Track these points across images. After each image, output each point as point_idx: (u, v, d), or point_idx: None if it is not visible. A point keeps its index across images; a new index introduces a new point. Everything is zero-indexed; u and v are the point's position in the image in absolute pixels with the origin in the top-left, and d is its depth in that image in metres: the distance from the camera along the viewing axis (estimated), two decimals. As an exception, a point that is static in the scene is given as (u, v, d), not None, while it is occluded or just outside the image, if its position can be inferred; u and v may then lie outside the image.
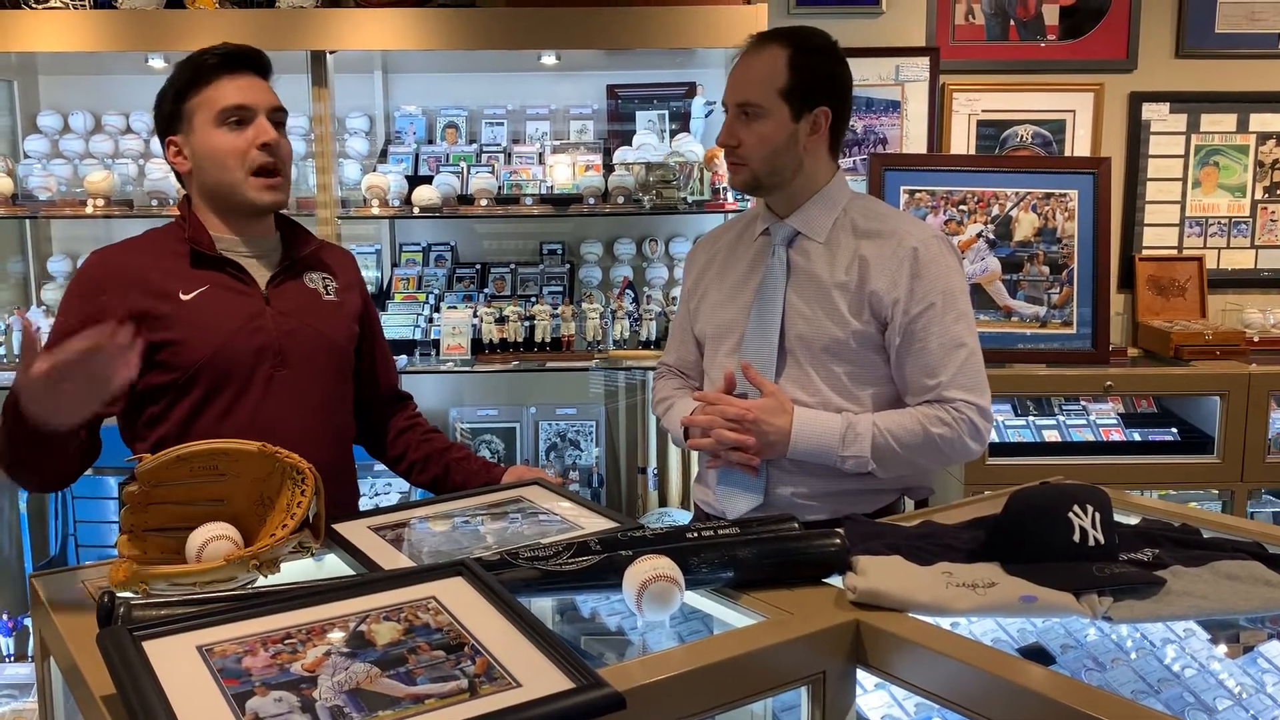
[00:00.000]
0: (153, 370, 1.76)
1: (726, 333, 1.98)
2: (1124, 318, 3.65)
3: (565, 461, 3.58)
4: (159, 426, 1.78)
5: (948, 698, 1.16)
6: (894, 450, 1.82)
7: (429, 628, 1.12)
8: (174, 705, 0.95)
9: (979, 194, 3.31)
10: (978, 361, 1.87)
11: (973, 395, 1.84)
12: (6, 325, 3.22)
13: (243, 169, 1.76)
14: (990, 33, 3.58)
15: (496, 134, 3.53)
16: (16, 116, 3.48)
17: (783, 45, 1.86)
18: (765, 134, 1.86)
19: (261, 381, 1.78)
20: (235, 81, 1.77)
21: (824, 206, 1.93)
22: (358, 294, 1.98)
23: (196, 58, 1.77)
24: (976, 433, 1.84)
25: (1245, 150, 3.67)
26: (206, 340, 1.75)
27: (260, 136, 1.76)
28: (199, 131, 1.77)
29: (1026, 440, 3.24)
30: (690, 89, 3.53)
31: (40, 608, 1.44)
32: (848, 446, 1.82)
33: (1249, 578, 1.33)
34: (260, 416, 1.77)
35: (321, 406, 1.86)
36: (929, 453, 1.84)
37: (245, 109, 1.76)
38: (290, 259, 1.87)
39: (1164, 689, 1.35)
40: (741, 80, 1.89)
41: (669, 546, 1.35)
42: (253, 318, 1.79)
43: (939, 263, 1.86)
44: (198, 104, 1.77)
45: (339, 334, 1.90)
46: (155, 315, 1.74)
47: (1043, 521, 1.36)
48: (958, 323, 1.86)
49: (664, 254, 3.58)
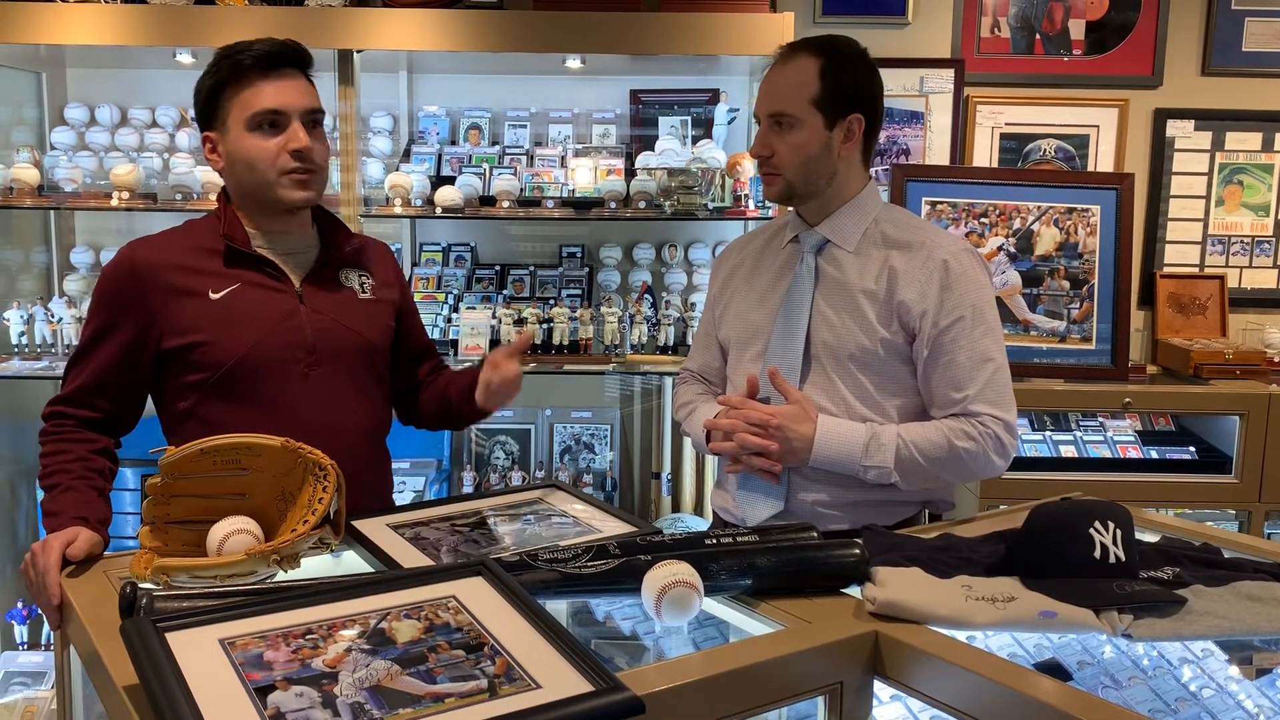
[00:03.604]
0: (184, 370, 1.76)
1: (751, 338, 1.98)
2: (1144, 335, 3.63)
3: (579, 465, 3.58)
4: (189, 422, 1.77)
5: (965, 711, 1.16)
6: (918, 462, 1.82)
7: (449, 627, 1.13)
8: (196, 697, 0.96)
9: (1001, 207, 3.30)
10: (1005, 377, 1.86)
11: (999, 410, 1.83)
12: (29, 315, 3.24)
13: (274, 170, 1.75)
14: (1016, 46, 3.58)
15: (519, 136, 3.55)
16: (44, 109, 3.51)
17: (813, 54, 1.86)
18: (799, 143, 1.86)
19: (296, 380, 1.78)
20: (271, 84, 1.74)
21: (855, 215, 1.93)
22: (396, 288, 1.98)
23: (234, 54, 1.74)
24: (1002, 448, 1.84)
25: (1269, 169, 3.65)
26: (238, 340, 1.74)
27: (291, 142, 1.74)
28: (232, 132, 1.75)
29: (1043, 455, 3.22)
30: (713, 95, 3.53)
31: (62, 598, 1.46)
32: (871, 456, 1.82)
33: (1271, 599, 1.33)
34: (295, 414, 1.76)
35: (356, 404, 1.86)
36: (953, 466, 1.83)
37: (278, 113, 1.74)
38: (327, 258, 1.87)
39: (1181, 709, 1.34)
40: (773, 91, 1.89)
41: (688, 552, 1.35)
42: (287, 316, 1.78)
43: (969, 276, 1.86)
44: (232, 104, 1.75)
45: (374, 332, 1.89)
46: (183, 316, 1.74)
47: (1064, 537, 1.35)
48: (986, 337, 1.85)
49: (683, 259, 3.58)
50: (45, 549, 1.49)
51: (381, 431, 1.96)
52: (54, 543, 1.50)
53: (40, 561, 1.49)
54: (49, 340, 3.25)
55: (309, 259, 1.86)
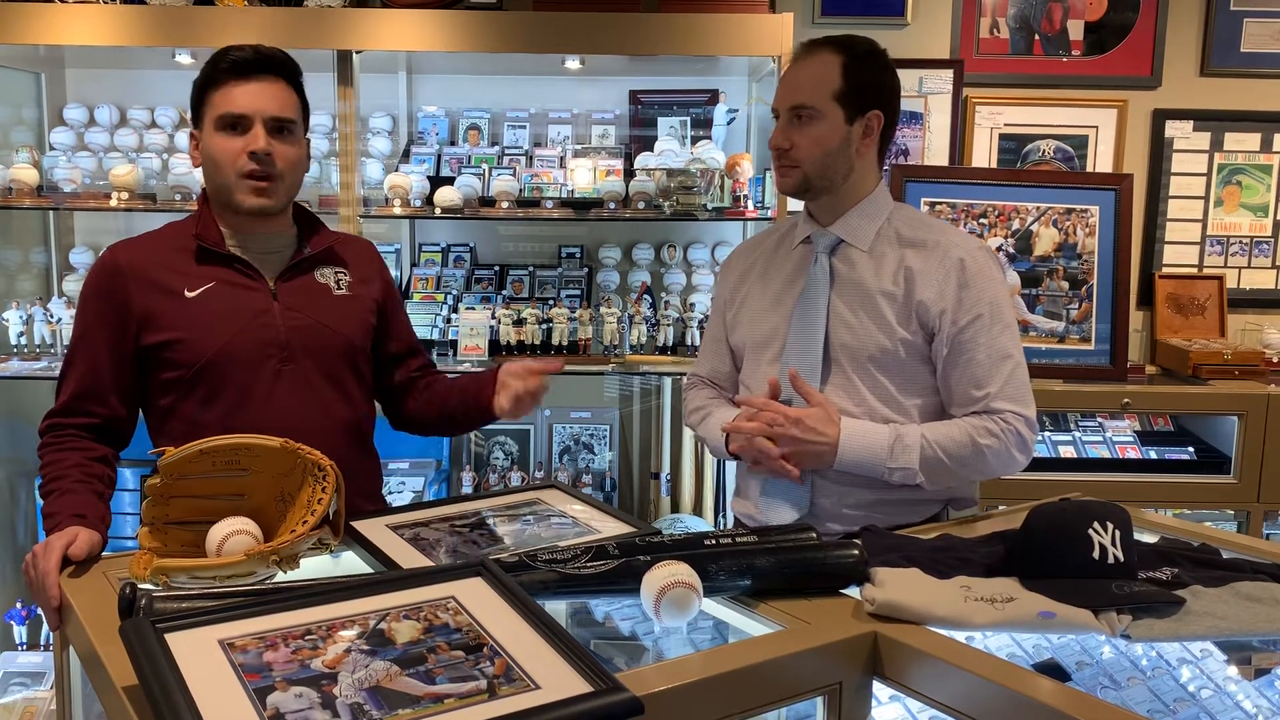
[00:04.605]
0: (161, 367, 1.80)
1: (768, 341, 1.97)
2: (1143, 335, 3.63)
3: (579, 465, 3.58)
4: (171, 420, 1.82)
5: (964, 711, 1.16)
6: (942, 462, 1.81)
7: (448, 627, 1.13)
8: (196, 698, 0.96)
9: (1000, 207, 3.30)
10: (1023, 373, 1.86)
11: (1020, 406, 1.83)
12: (28, 315, 3.24)
13: (234, 172, 1.79)
14: (1015, 46, 3.58)
15: (518, 137, 3.55)
16: (43, 109, 3.51)
17: (835, 51, 1.87)
18: (819, 136, 1.86)
19: (269, 376, 1.80)
20: (242, 87, 1.78)
21: (868, 215, 1.93)
22: (377, 284, 1.99)
23: (217, 56, 1.80)
24: (1023, 444, 1.84)
25: (1268, 170, 3.65)
26: (211, 337, 1.78)
27: (250, 145, 1.77)
28: (205, 131, 1.81)
29: (1042, 456, 3.22)
30: (713, 96, 3.53)
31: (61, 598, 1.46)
32: (896, 459, 1.81)
33: (1269, 600, 1.33)
34: (268, 410, 1.79)
35: (333, 401, 1.88)
36: (976, 464, 1.83)
37: (242, 117, 1.78)
38: (301, 255, 1.90)
39: (1180, 709, 1.34)
40: (795, 84, 1.89)
41: (687, 553, 1.35)
42: (259, 314, 1.81)
43: (985, 274, 1.86)
44: (208, 105, 1.80)
45: (350, 328, 1.90)
46: (160, 313, 1.78)
47: (1063, 538, 1.36)
48: (1004, 334, 1.85)
49: (682, 260, 3.58)
50: (46, 550, 1.50)
51: (364, 428, 1.97)
52: (55, 544, 1.51)
53: (40, 564, 1.49)
54: (48, 340, 3.25)
55: (284, 257, 1.88)
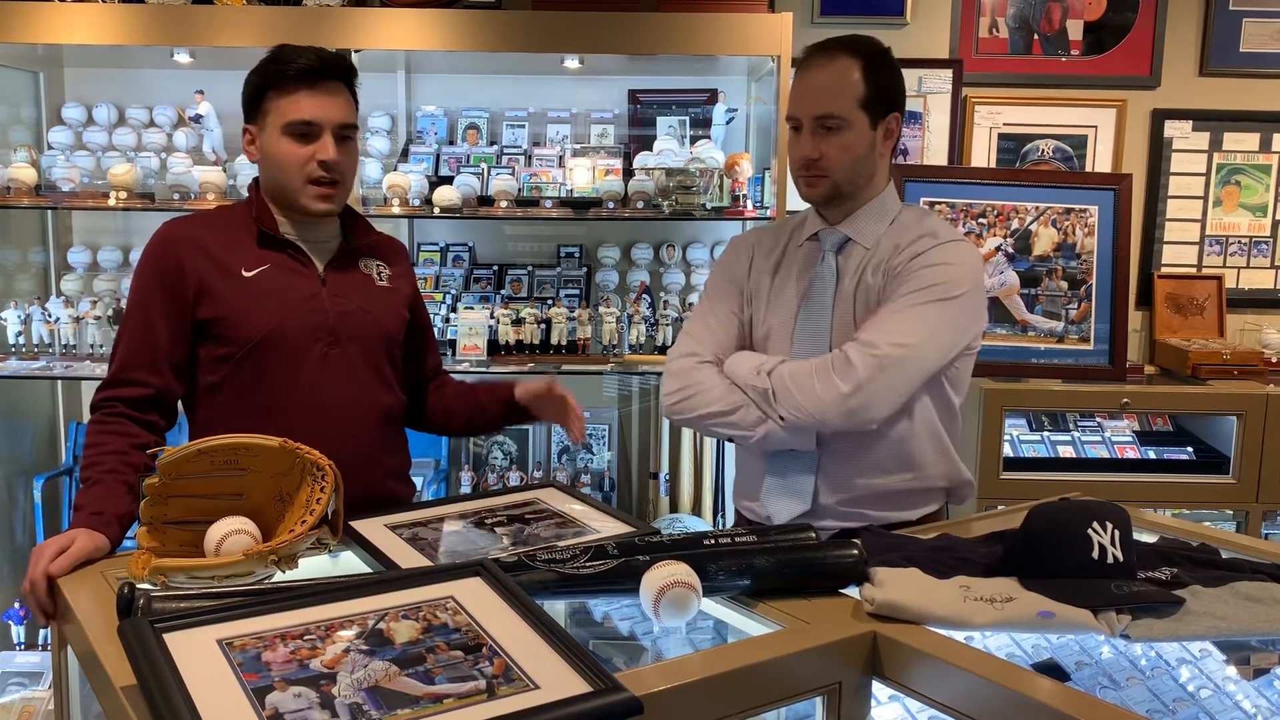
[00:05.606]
0: (210, 342, 1.83)
1: (773, 338, 1.97)
2: (1142, 335, 3.63)
3: (577, 465, 3.58)
4: (216, 395, 1.85)
5: (963, 711, 1.16)
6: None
7: (447, 627, 1.13)
8: (194, 698, 0.96)
9: (999, 207, 3.30)
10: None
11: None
12: (27, 315, 3.24)
13: (301, 178, 1.83)
14: (1014, 46, 3.58)
15: (517, 136, 3.54)
16: (41, 108, 3.50)
17: (851, 55, 1.85)
18: (848, 144, 1.85)
19: (316, 358, 1.85)
20: (310, 95, 1.81)
21: (876, 215, 1.93)
22: (408, 282, 2.06)
23: (284, 59, 1.82)
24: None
25: (1267, 170, 3.65)
26: (264, 317, 1.82)
27: (320, 153, 1.82)
28: (268, 133, 1.84)
29: (1041, 455, 3.23)
30: (712, 95, 3.53)
31: (58, 597, 1.45)
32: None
33: (1269, 599, 1.33)
34: (313, 391, 1.84)
35: (373, 385, 1.93)
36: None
37: (312, 125, 1.81)
38: (348, 246, 1.95)
39: (1179, 709, 1.34)
40: (818, 92, 1.86)
41: (686, 553, 1.35)
42: (310, 298, 1.86)
43: (953, 257, 1.84)
44: (272, 107, 1.83)
45: (389, 317, 1.97)
46: (216, 289, 1.82)
47: (1062, 537, 1.35)
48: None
49: (681, 259, 3.58)
50: (38, 556, 1.51)
51: (398, 413, 2.02)
52: (47, 550, 1.51)
53: (30, 570, 1.51)
54: (46, 340, 3.25)
55: (332, 247, 1.94)
